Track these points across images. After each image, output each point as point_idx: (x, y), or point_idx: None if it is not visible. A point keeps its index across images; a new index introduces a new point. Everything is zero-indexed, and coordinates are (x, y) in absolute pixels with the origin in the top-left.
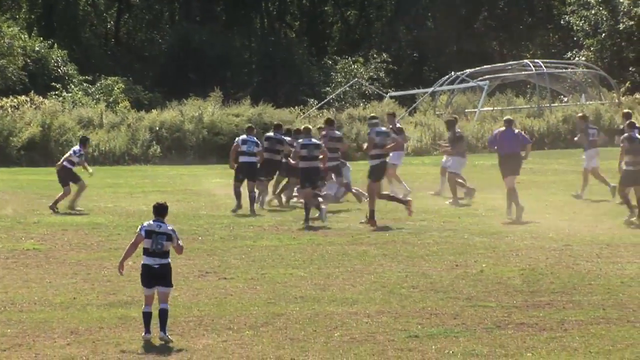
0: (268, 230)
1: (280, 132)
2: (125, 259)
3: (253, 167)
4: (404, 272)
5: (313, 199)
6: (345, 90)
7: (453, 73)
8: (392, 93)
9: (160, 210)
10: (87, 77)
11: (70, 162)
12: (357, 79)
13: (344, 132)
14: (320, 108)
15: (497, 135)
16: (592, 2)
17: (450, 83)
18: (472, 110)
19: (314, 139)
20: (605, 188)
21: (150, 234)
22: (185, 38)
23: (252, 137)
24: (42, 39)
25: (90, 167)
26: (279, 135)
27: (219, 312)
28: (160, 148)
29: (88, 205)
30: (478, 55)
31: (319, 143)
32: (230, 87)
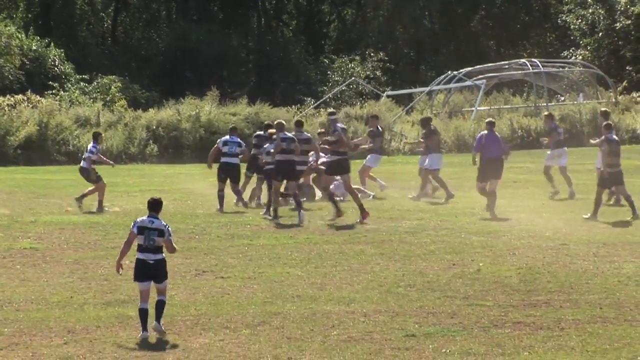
0: (265, 229)
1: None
2: (122, 258)
3: (235, 168)
4: (401, 271)
5: (279, 198)
6: (342, 89)
7: (450, 72)
8: (389, 92)
9: (155, 206)
10: (84, 76)
11: (88, 161)
12: (354, 78)
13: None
14: (317, 107)
15: (482, 139)
16: (589, 1)
17: (447, 82)
18: (469, 110)
19: (288, 134)
20: (556, 187)
21: (143, 230)
22: (182, 37)
23: (234, 137)
24: (39, 38)
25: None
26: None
27: (216, 311)
28: (157, 147)
29: (85, 204)
30: (475, 54)
31: (294, 137)
32: (227, 86)
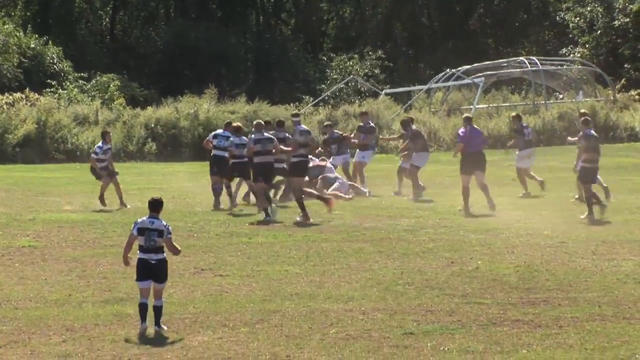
0: (263, 227)
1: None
2: (125, 257)
3: (223, 161)
4: (400, 269)
5: (264, 198)
6: (341, 87)
7: (448, 70)
8: (387, 90)
9: (155, 206)
10: (82, 74)
11: (97, 161)
12: (352, 76)
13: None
14: (316, 105)
15: (466, 133)
16: None
17: (446, 80)
18: (467, 107)
19: (266, 134)
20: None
21: (143, 231)
22: (181, 35)
23: (226, 132)
24: (37, 36)
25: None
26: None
27: (215, 309)
28: (156, 145)
29: (84, 202)
30: (473, 52)
31: (272, 137)
32: (226, 84)
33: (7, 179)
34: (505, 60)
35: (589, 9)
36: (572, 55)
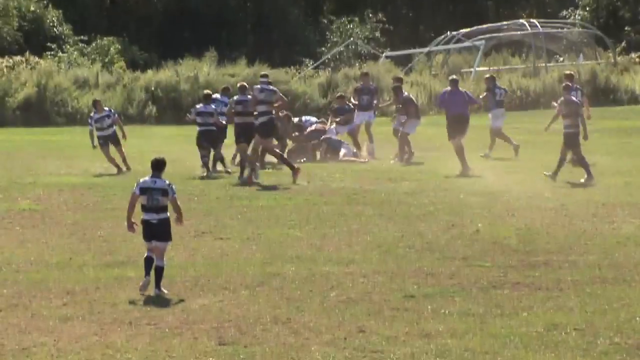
0: (264, 191)
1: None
2: (130, 218)
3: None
4: (400, 232)
5: (246, 157)
6: (341, 51)
7: (449, 33)
8: (387, 53)
9: (158, 166)
10: (82, 37)
11: (96, 130)
12: (352, 39)
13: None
14: (316, 68)
15: (445, 95)
16: None
17: (446, 43)
18: (468, 70)
19: (249, 95)
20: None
21: (146, 191)
22: None
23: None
24: None
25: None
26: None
27: (215, 272)
28: (156, 108)
29: (83, 166)
30: (474, 15)
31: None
32: (226, 47)
33: (7, 143)
34: (506, 23)
35: None
36: (572, 18)
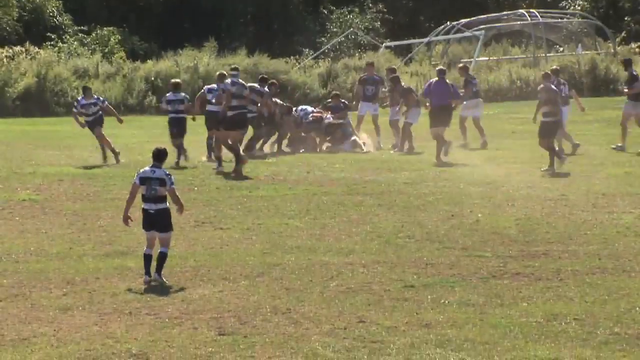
0: (264, 181)
1: (263, 85)
2: (128, 210)
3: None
4: (400, 222)
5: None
6: (341, 41)
7: (449, 23)
8: (387, 43)
9: (159, 156)
10: (82, 27)
11: (80, 114)
12: (352, 29)
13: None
14: (316, 58)
15: (430, 85)
16: None
17: (446, 33)
18: (467, 60)
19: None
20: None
21: (145, 180)
22: None
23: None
24: None
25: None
26: (259, 88)
27: (215, 262)
28: (156, 98)
29: (83, 156)
30: (474, 5)
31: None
32: (226, 37)
33: (7, 133)
34: (506, 13)
35: None
36: (572, 8)
